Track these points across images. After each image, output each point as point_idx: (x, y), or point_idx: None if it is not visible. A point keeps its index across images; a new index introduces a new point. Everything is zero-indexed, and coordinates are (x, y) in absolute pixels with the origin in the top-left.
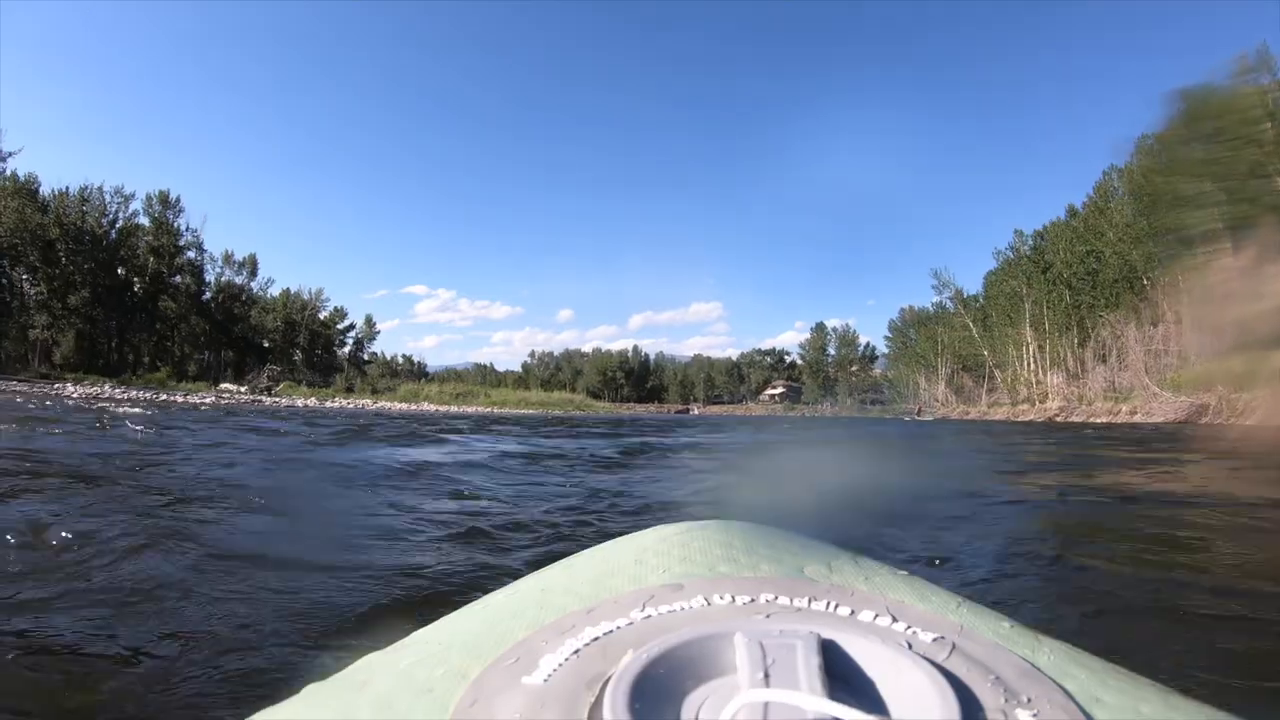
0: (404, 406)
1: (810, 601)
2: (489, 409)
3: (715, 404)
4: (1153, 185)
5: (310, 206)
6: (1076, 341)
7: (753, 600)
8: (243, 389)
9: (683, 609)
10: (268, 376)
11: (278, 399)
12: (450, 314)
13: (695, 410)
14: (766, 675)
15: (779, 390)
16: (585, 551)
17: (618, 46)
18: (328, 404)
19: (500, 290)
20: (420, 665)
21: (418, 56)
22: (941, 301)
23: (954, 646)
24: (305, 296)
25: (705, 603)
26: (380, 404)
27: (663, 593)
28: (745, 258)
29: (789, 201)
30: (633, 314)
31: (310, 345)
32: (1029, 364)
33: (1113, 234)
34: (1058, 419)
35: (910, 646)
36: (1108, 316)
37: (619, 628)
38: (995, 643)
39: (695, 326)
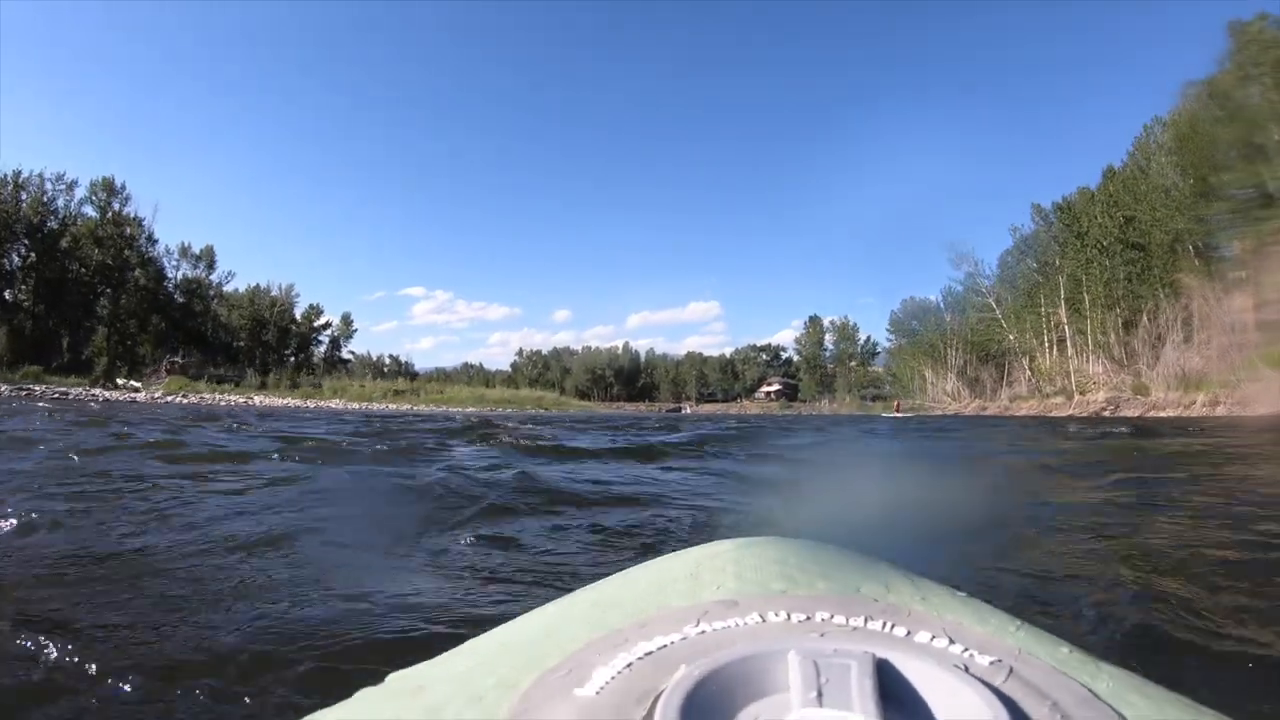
0: (284, 402)
1: (866, 621)
2: (412, 407)
3: (709, 402)
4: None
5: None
6: (1121, 322)
7: (808, 618)
8: (81, 385)
9: (737, 625)
10: (164, 369)
11: (105, 394)
12: (447, 315)
13: (688, 409)
14: (820, 694)
15: (775, 387)
16: (639, 566)
17: (615, 48)
18: (160, 396)
19: (497, 292)
20: (472, 673)
21: (414, 57)
22: (951, 286)
23: (1011, 670)
24: (275, 293)
25: (760, 620)
26: (263, 400)
27: (717, 609)
28: (742, 257)
29: (788, 201)
30: (630, 314)
31: (279, 343)
32: (1052, 349)
33: (1155, 197)
34: (1105, 413)
35: (966, 669)
36: (1176, 281)
37: (672, 643)
38: (1053, 667)
39: (692, 326)
